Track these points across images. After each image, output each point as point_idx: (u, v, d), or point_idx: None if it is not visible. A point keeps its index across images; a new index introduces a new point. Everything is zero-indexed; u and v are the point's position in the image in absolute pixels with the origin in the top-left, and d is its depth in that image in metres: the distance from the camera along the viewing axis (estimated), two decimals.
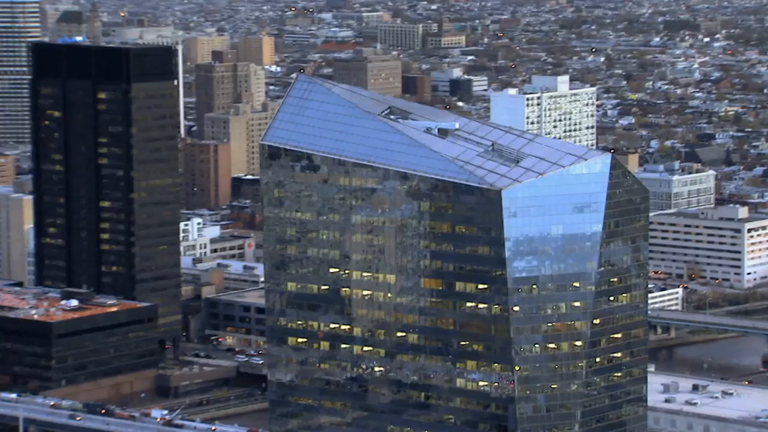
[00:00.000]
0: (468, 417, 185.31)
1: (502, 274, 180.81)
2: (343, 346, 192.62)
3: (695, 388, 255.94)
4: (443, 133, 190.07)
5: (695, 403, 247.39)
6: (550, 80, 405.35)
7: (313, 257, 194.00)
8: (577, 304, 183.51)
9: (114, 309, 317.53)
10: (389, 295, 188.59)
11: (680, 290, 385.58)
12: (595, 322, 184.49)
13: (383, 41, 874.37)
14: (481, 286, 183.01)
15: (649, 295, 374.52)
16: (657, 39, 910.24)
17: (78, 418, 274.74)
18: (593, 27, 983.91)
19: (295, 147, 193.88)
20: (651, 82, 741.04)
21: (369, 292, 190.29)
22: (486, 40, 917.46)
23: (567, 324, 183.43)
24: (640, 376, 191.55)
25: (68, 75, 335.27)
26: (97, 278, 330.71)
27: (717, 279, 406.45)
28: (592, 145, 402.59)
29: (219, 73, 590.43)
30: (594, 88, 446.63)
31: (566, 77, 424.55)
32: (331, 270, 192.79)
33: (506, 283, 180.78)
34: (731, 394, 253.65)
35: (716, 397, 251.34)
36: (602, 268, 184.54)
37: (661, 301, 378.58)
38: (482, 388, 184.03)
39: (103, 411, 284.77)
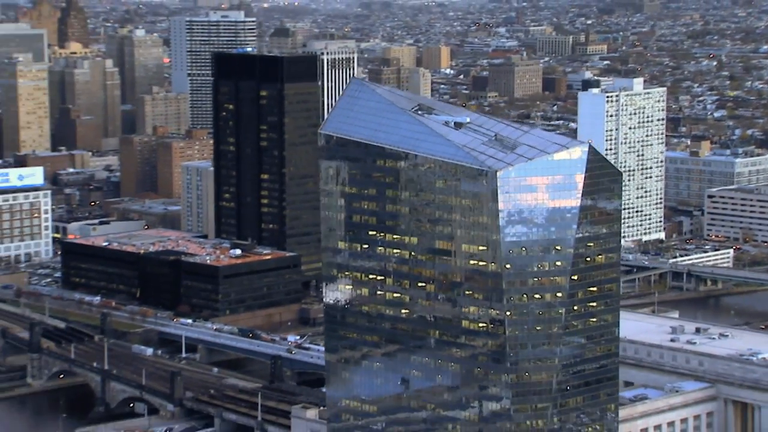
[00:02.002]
0: (471, 351, 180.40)
1: (497, 239, 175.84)
2: (378, 292, 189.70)
3: (698, 330, 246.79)
4: (458, 125, 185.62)
5: (694, 343, 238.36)
6: (627, 82, 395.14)
7: (357, 222, 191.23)
8: (558, 263, 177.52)
9: (268, 257, 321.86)
10: (413, 253, 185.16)
11: (731, 251, 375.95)
12: (573, 278, 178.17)
13: (540, 49, 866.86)
14: (481, 248, 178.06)
15: (704, 254, 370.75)
16: (766, 47, 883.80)
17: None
18: (715, 37, 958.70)
19: (344, 135, 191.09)
20: (750, 82, 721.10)
21: (398, 251, 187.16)
22: (624, 48, 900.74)
23: (549, 279, 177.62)
24: (612, 321, 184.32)
25: (239, 77, 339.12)
26: (259, 233, 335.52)
27: (766, 242, 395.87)
28: (662, 133, 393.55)
29: (386, 75, 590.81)
30: (664, 88, 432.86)
31: (641, 79, 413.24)
32: (370, 233, 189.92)
33: (500, 246, 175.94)
34: (727, 336, 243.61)
35: (713, 338, 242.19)
36: (579, 235, 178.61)
37: (714, 259, 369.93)
38: (481, 329, 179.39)
39: (251, 335, 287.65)
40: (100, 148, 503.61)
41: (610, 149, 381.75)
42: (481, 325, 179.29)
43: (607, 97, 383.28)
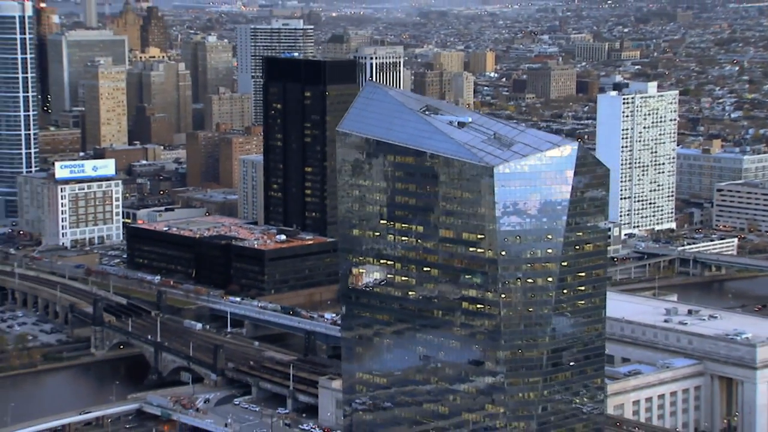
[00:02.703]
0: (470, 330, 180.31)
1: (494, 228, 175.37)
2: (388, 275, 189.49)
3: (689, 312, 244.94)
4: (461, 125, 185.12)
5: (686, 323, 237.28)
6: (642, 85, 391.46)
7: (369, 211, 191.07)
8: (549, 251, 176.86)
9: (310, 242, 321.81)
10: (419, 240, 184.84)
11: (735, 240, 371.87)
12: (563, 264, 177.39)
13: (578, 55, 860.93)
14: (479, 236, 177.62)
15: (710, 242, 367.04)
16: None
17: None
18: (740, 44, 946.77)
19: (359, 133, 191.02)
20: (767, 86, 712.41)
21: (405, 238, 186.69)
22: (655, 54, 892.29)
23: (541, 265, 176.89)
24: (599, 303, 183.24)
25: (286, 79, 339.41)
26: (303, 220, 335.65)
27: None
28: (674, 132, 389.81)
29: (429, 78, 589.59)
30: (676, 91, 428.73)
31: (655, 83, 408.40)
32: (381, 221, 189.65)
33: (497, 235, 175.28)
34: (716, 317, 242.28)
35: (704, 319, 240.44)
36: (569, 225, 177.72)
37: (720, 247, 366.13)
38: (479, 310, 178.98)
39: (291, 312, 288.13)
40: (171, 142, 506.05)
41: (626, 146, 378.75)
42: (478, 306, 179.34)
43: (624, 99, 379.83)
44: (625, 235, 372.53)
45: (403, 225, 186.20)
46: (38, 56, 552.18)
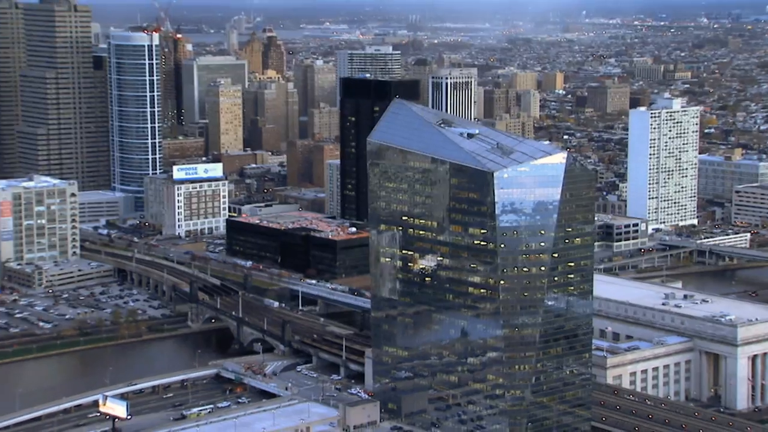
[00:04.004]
0: (475, 311, 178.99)
1: (494, 224, 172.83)
2: (408, 264, 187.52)
3: (685, 297, 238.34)
4: (470, 136, 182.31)
5: (680, 307, 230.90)
6: (668, 101, 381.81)
7: (394, 209, 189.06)
8: (542, 244, 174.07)
9: None
10: (432, 234, 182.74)
11: (748, 234, 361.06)
12: (554, 255, 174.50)
13: (638, 75, 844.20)
14: (482, 231, 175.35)
15: (726, 236, 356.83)
16: None
17: None
18: None
19: (385, 142, 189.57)
20: None
21: (423, 232, 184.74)
22: (704, 75, 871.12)
23: (535, 256, 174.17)
24: (586, 289, 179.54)
25: (359, 96, 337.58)
26: None
27: None
28: (695, 141, 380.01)
29: (497, 95, 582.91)
30: (699, 107, 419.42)
31: (680, 99, 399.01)
32: (403, 217, 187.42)
33: (497, 230, 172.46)
34: (707, 301, 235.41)
35: (696, 303, 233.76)
36: (560, 222, 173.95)
37: (735, 240, 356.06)
38: (482, 294, 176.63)
39: (356, 293, 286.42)
40: (278, 149, 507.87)
41: (653, 154, 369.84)
42: (482, 291, 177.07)
43: (651, 113, 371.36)
44: (653, 229, 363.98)
45: (420, 221, 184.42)
46: (174, 78, 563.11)
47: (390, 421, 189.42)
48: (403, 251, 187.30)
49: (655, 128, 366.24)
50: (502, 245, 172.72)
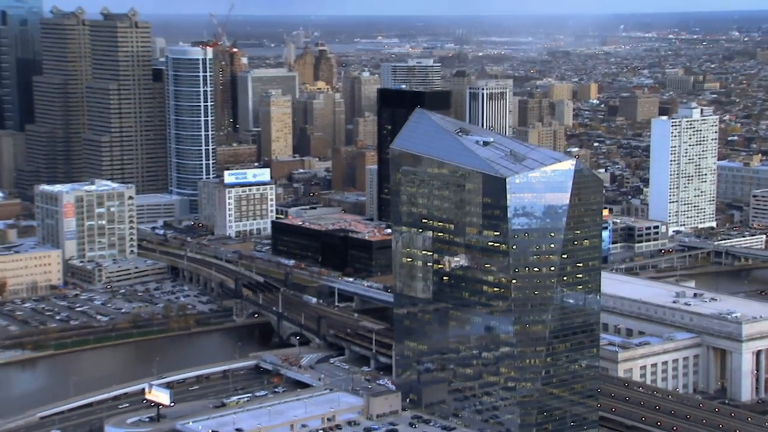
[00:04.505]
0: (489, 309, 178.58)
1: (507, 227, 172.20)
2: (428, 263, 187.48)
3: (695, 295, 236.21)
4: (485, 144, 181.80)
5: (689, 305, 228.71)
6: (687, 111, 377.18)
7: (414, 212, 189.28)
8: (552, 245, 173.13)
9: None
10: (449, 236, 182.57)
11: (764, 236, 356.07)
12: (563, 256, 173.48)
13: (669, 86, 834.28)
14: (495, 233, 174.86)
15: (742, 238, 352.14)
16: None
17: None
18: None
19: (406, 150, 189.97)
20: None
21: (441, 234, 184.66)
22: (732, 85, 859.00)
23: (545, 257, 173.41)
24: (594, 288, 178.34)
25: (395, 105, 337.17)
26: None
27: None
28: (715, 149, 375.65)
29: (530, 105, 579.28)
30: (717, 116, 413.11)
31: (699, 108, 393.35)
32: (423, 220, 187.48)
33: (509, 232, 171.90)
34: (716, 300, 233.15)
35: (705, 301, 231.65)
36: (569, 225, 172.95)
37: (750, 242, 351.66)
38: (495, 292, 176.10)
39: (389, 290, 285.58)
40: (325, 155, 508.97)
41: (674, 160, 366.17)
42: (495, 289, 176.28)
43: (672, 122, 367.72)
44: (673, 231, 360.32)
45: (439, 223, 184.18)
46: (231, 89, 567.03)
47: (411, 411, 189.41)
48: (423, 252, 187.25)
49: (675, 136, 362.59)
50: (514, 246, 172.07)
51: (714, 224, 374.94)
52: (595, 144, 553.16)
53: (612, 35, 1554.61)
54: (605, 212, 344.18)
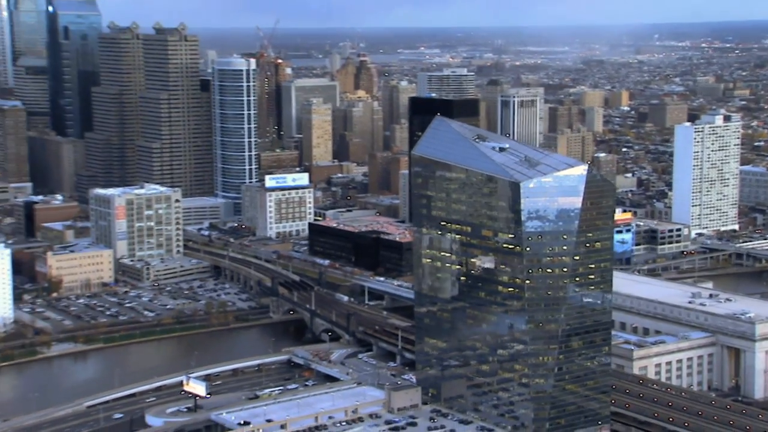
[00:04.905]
0: (504, 308, 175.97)
1: (520, 229, 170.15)
2: (446, 264, 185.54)
3: (710, 296, 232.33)
4: (501, 150, 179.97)
5: (704, 305, 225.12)
6: (710, 117, 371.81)
7: (434, 215, 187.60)
8: (564, 247, 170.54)
9: None
10: (467, 237, 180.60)
11: None
12: (575, 258, 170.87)
13: (699, 93, 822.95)
14: (509, 236, 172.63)
15: (764, 240, 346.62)
16: None
17: None
18: None
19: (426, 155, 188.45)
20: None
21: (458, 236, 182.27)
22: (762, 92, 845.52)
23: (558, 258, 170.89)
24: (605, 288, 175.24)
25: (425, 113, 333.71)
26: None
27: None
28: (737, 154, 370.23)
29: (560, 112, 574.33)
30: (740, 122, 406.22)
31: (722, 115, 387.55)
32: (441, 222, 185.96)
33: (523, 235, 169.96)
34: (731, 300, 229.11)
35: (720, 302, 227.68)
36: (581, 228, 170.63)
37: None
38: (510, 292, 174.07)
39: None
40: (364, 160, 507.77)
41: (697, 165, 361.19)
42: (510, 289, 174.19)
43: (695, 128, 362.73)
44: (695, 234, 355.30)
45: (457, 225, 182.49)
46: (275, 97, 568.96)
47: (431, 405, 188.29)
48: (442, 253, 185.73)
49: (698, 142, 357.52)
50: (528, 248, 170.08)
51: (736, 227, 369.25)
52: (624, 149, 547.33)
53: (646, 44, 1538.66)
54: (628, 215, 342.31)
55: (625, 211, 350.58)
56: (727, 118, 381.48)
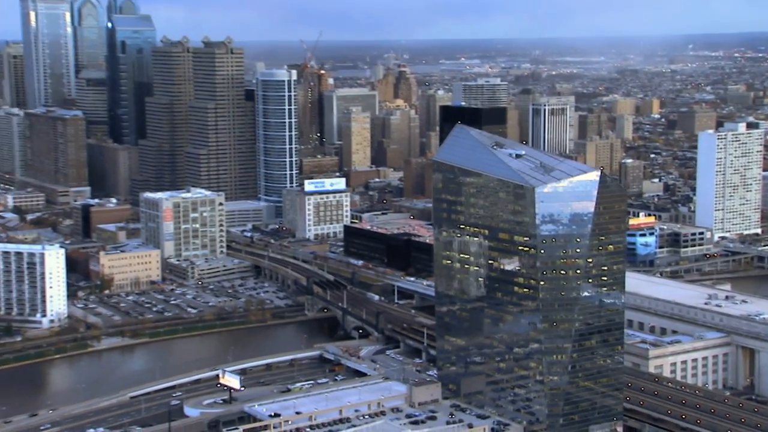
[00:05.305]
0: (520, 308, 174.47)
1: (536, 233, 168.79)
2: (465, 265, 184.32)
3: (726, 297, 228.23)
4: (517, 156, 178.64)
5: (720, 306, 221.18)
6: (733, 125, 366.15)
7: (453, 218, 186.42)
8: (578, 250, 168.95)
9: None
10: (485, 240, 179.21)
11: None
12: (588, 260, 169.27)
13: (729, 101, 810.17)
14: (525, 239, 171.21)
15: None
16: None
17: None
18: None
19: (446, 161, 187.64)
20: None
21: (476, 239, 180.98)
22: None
23: (571, 260, 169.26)
24: (618, 290, 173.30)
25: (455, 121, 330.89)
26: None
27: None
28: (759, 160, 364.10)
29: (590, 120, 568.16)
30: (762, 130, 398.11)
31: (744, 123, 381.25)
32: (460, 226, 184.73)
33: (538, 238, 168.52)
34: (746, 302, 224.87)
35: (736, 303, 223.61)
36: (594, 231, 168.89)
37: None
38: (525, 293, 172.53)
39: None
40: (400, 166, 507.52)
41: (720, 171, 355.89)
42: (525, 290, 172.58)
43: (718, 135, 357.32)
44: (718, 237, 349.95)
45: (474, 228, 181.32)
46: (318, 106, 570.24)
47: (450, 400, 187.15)
48: (461, 254, 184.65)
49: (721, 149, 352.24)
50: (542, 251, 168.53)
51: (759, 231, 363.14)
52: (652, 155, 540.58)
53: (680, 54, 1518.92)
54: (652, 219, 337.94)
55: (648, 215, 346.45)
56: (752, 126, 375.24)
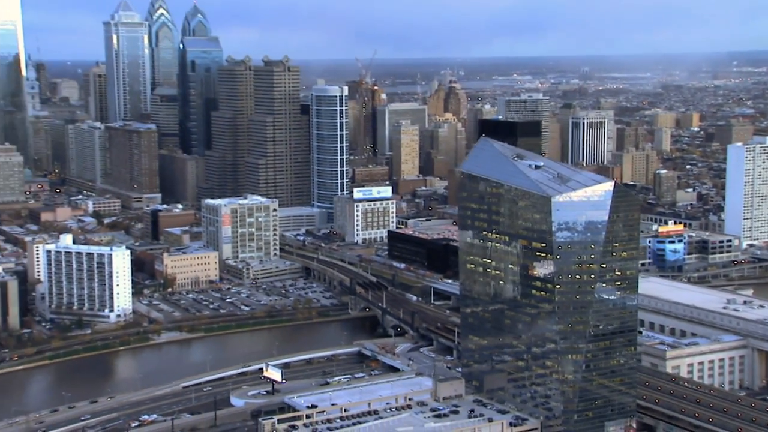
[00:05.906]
0: (537, 310, 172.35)
1: (551, 239, 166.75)
2: (487, 269, 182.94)
3: (744, 302, 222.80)
4: (536, 167, 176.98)
5: (737, 310, 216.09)
6: (762, 138, 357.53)
7: (476, 225, 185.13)
8: (592, 256, 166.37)
9: None
10: (505, 246, 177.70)
11: None
12: (602, 266, 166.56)
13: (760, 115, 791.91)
14: (542, 245, 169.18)
15: None
16: None
17: None
18: None
19: (470, 172, 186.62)
20: None
21: (498, 245, 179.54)
22: None
23: (586, 266, 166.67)
24: (631, 294, 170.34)
25: (492, 134, 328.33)
26: None
27: None
28: None
29: (627, 133, 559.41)
30: None
31: None
32: (483, 232, 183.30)
33: (554, 244, 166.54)
34: (764, 306, 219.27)
35: (753, 308, 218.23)
36: (607, 238, 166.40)
37: None
38: (542, 296, 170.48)
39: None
40: (447, 175, 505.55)
41: (748, 181, 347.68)
42: (542, 293, 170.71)
43: (747, 147, 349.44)
44: (747, 244, 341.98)
45: (496, 234, 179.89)
46: (372, 120, 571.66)
47: (473, 395, 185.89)
48: (483, 259, 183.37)
49: (750, 160, 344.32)
50: (558, 257, 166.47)
51: None
52: (688, 166, 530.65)
53: (724, 70, 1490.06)
54: (680, 227, 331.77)
55: (677, 223, 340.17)
56: None
